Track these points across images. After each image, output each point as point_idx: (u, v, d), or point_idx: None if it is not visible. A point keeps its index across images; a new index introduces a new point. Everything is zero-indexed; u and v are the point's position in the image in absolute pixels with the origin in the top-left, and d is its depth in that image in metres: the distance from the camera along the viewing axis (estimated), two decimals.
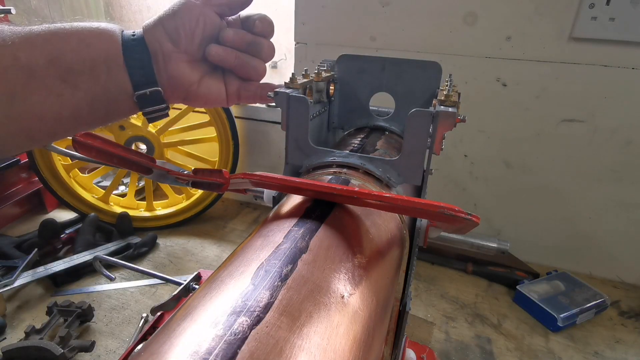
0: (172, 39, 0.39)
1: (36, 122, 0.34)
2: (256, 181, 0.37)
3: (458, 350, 0.89)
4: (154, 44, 0.38)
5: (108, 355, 0.82)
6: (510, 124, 1.10)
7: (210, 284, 0.26)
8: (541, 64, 1.01)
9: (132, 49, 0.37)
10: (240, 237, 1.28)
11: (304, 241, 0.29)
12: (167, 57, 0.39)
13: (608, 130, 1.02)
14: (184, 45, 0.39)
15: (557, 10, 0.96)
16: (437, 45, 1.08)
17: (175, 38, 0.39)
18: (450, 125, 0.42)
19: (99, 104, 0.37)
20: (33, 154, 1.15)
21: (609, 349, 0.92)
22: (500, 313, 1.01)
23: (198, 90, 0.42)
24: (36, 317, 0.90)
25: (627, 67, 0.96)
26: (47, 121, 0.35)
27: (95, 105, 0.37)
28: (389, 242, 0.37)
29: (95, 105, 0.37)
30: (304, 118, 0.47)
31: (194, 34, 0.39)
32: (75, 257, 1.04)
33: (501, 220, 1.21)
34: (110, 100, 0.37)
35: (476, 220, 0.31)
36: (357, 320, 0.25)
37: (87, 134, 0.35)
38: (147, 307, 0.95)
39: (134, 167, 0.38)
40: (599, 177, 1.07)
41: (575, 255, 1.17)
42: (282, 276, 0.25)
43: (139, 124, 1.18)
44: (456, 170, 1.19)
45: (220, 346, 0.19)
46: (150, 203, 1.28)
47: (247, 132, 1.36)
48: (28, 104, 0.33)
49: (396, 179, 0.46)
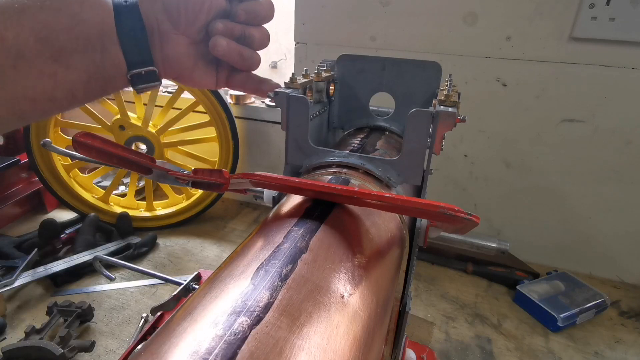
0: (171, 19, 0.36)
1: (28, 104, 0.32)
2: (256, 181, 0.37)
3: (458, 350, 0.89)
4: (151, 19, 0.36)
5: (108, 355, 0.82)
6: (510, 124, 1.10)
7: (210, 284, 0.26)
8: (541, 64, 1.01)
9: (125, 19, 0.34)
10: (240, 237, 1.28)
11: (304, 241, 0.29)
12: (164, 37, 0.37)
13: (608, 130, 1.02)
14: (184, 28, 0.37)
15: (557, 10, 0.96)
16: (437, 45, 1.08)
17: (175, 19, 0.36)
18: (450, 125, 0.42)
19: (93, 83, 0.35)
20: (33, 154, 1.15)
21: (609, 349, 0.92)
22: (500, 313, 1.01)
23: (191, 74, 0.40)
24: (36, 317, 0.90)
25: (627, 67, 0.96)
26: (40, 103, 0.33)
27: (91, 84, 0.35)
28: (389, 242, 0.37)
29: (91, 84, 0.35)
30: (304, 118, 0.47)
31: (197, 18, 0.37)
32: (75, 257, 1.04)
33: (501, 220, 1.21)
34: (105, 78, 0.36)
35: (476, 220, 0.31)
36: (357, 320, 0.25)
37: (87, 134, 0.34)
38: (147, 307, 0.95)
39: (134, 167, 0.38)
40: (599, 177, 1.07)
41: (575, 255, 1.17)
42: (282, 276, 0.25)
43: (139, 124, 1.18)
44: (456, 170, 1.19)
45: (220, 346, 0.19)
46: (150, 203, 1.28)
47: (247, 132, 1.36)
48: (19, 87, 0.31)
49: (396, 179, 0.46)
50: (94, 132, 0.46)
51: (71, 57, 0.33)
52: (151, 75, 0.37)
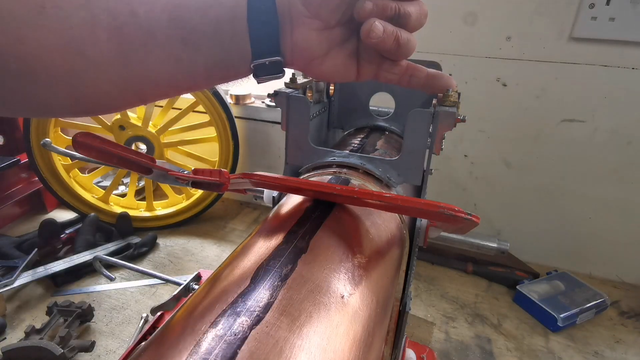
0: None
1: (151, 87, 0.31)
2: (256, 181, 0.37)
3: (458, 350, 0.89)
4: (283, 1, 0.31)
5: (108, 355, 0.82)
6: (510, 124, 1.10)
7: (210, 284, 0.26)
8: (541, 64, 1.01)
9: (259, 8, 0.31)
10: (240, 237, 1.28)
11: (304, 241, 0.29)
12: (295, 20, 0.32)
13: (608, 130, 1.02)
14: (316, 8, 0.32)
15: (557, 10, 0.96)
16: (437, 45, 1.08)
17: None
18: (450, 125, 0.42)
19: (217, 70, 0.32)
20: (33, 154, 1.15)
21: (609, 349, 0.92)
22: (500, 313, 1.01)
23: (322, 65, 0.35)
24: (36, 317, 0.90)
25: (627, 67, 0.96)
26: (162, 86, 0.31)
27: (214, 71, 0.32)
28: (389, 242, 0.37)
29: (214, 71, 0.32)
30: (304, 118, 0.47)
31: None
32: (75, 257, 1.04)
33: (501, 220, 1.21)
34: (229, 66, 0.32)
35: (476, 220, 0.31)
36: (357, 320, 0.25)
37: (87, 134, 0.34)
38: (147, 307, 0.95)
39: (134, 167, 0.38)
40: (599, 177, 1.07)
41: (575, 255, 1.17)
42: (282, 276, 0.25)
43: (139, 124, 1.18)
44: (456, 170, 1.19)
45: (220, 346, 0.19)
46: (150, 203, 1.28)
47: (247, 132, 1.36)
48: (144, 67, 0.29)
49: (396, 179, 0.46)
50: (94, 132, 0.46)
51: (200, 41, 0.30)
52: (276, 65, 0.33)
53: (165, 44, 0.29)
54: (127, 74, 0.29)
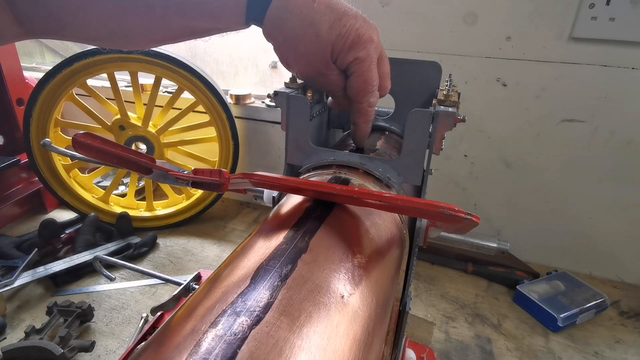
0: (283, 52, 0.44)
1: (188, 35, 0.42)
2: (256, 181, 0.37)
3: (458, 350, 0.89)
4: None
5: (108, 355, 0.82)
6: (510, 124, 1.10)
7: (210, 284, 0.26)
8: (541, 64, 1.01)
9: None
10: (240, 237, 1.28)
11: (303, 241, 0.29)
12: None
13: (608, 130, 1.02)
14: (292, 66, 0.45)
15: (557, 10, 0.96)
16: (437, 45, 1.08)
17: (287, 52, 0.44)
18: (450, 125, 0.42)
19: None
20: (33, 154, 1.15)
21: (609, 349, 0.92)
22: (500, 313, 1.01)
23: None
24: (36, 317, 0.90)
25: (627, 67, 0.96)
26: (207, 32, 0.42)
27: None
28: (388, 242, 0.37)
29: None
30: (304, 118, 0.47)
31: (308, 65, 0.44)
32: (75, 257, 1.04)
33: (501, 220, 1.21)
34: None
35: (476, 220, 0.31)
36: (357, 320, 0.25)
37: (87, 134, 0.34)
38: (147, 307, 0.95)
39: (134, 167, 0.38)
40: (599, 177, 1.07)
41: (575, 255, 1.17)
42: (282, 276, 0.25)
43: (139, 124, 1.18)
44: (456, 170, 1.19)
45: (220, 346, 0.19)
46: (150, 203, 1.28)
47: (247, 132, 1.36)
48: None
49: (396, 179, 0.46)
50: (94, 132, 0.46)
51: None
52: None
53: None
54: None
